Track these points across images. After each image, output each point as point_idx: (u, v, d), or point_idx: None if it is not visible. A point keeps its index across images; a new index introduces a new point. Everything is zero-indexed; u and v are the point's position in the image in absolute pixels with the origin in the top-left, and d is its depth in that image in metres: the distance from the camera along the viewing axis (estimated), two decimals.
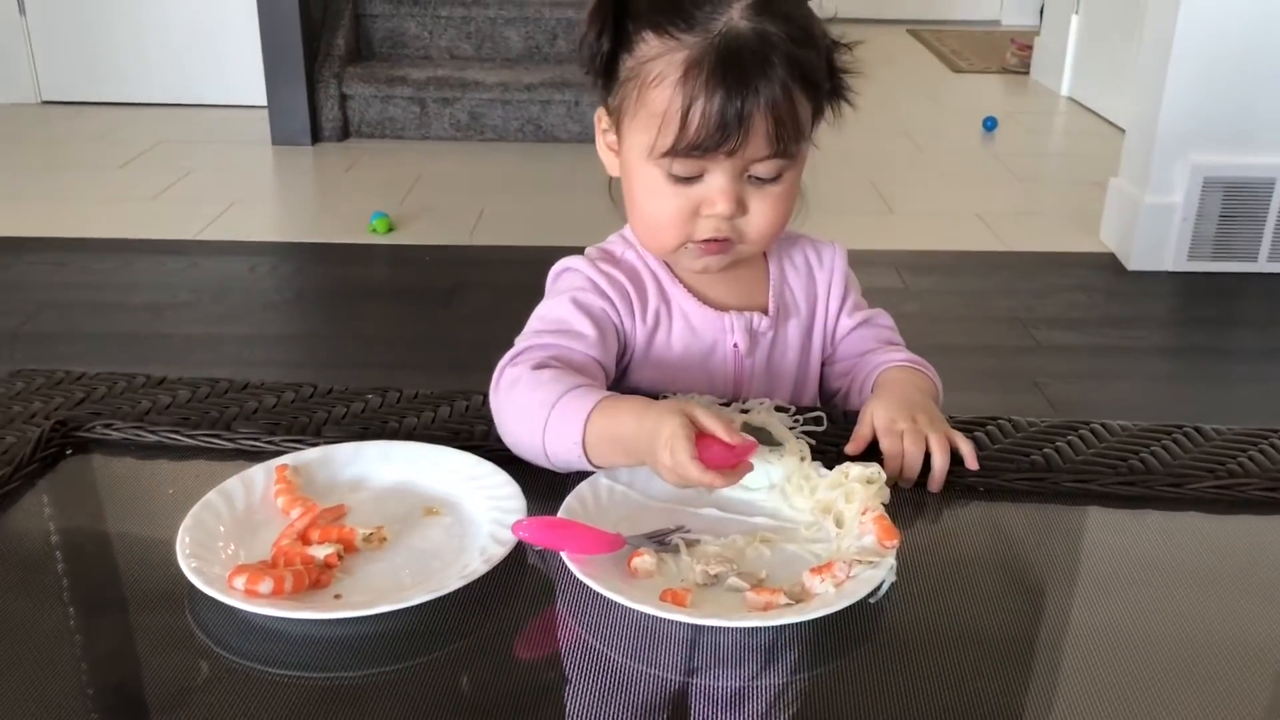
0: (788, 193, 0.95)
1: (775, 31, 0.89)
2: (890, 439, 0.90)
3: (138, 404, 0.97)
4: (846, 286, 1.09)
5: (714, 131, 0.87)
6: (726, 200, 0.91)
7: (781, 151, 0.91)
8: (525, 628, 0.75)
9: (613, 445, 0.84)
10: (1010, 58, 5.36)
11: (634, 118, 0.92)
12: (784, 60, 0.88)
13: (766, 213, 0.94)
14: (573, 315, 0.97)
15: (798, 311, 1.06)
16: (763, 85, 0.87)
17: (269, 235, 3.25)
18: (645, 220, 0.96)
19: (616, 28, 0.91)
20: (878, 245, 3.12)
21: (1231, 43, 2.82)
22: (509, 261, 3.00)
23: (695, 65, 0.87)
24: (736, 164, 0.90)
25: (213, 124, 4.22)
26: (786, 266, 1.07)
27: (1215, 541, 0.85)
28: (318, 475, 0.86)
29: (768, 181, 0.93)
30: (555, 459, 0.86)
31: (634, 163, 0.94)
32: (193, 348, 2.55)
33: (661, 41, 0.89)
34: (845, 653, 0.72)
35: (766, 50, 0.88)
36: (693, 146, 0.88)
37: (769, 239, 0.97)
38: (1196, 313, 2.88)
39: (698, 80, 0.87)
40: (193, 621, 0.72)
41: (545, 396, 0.87)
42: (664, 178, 0.92)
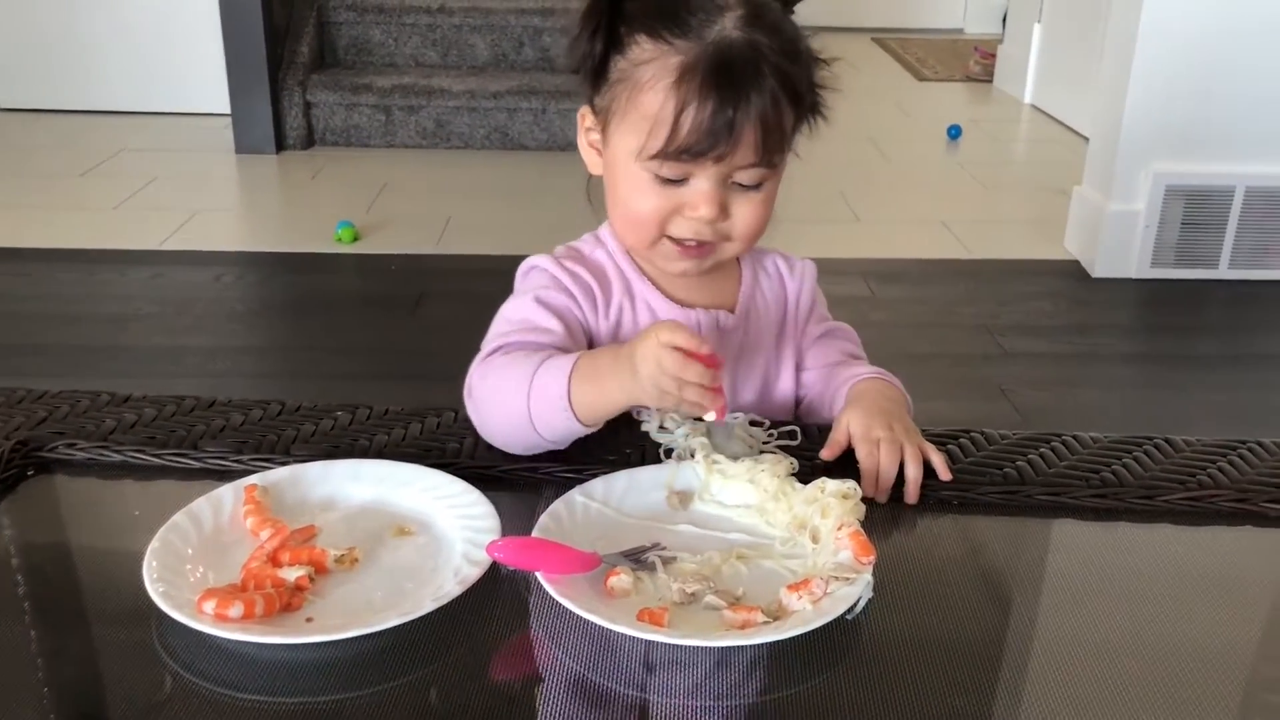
0: (768, 199, 0.97)
1: (766, 43, 0.90)
2: (866, 447, 0.91)
3: (102, 423, 0.95)
4: (815, 299, 1.12)
5: (704, 137, 0.89)
6: (709, 204, 0.93)
7: (766, 160, 0.92)
8: (501, 649, 0.75)
9: (597, 388, 0.87)
10: (974, 66, 5.41)
11: (624, 119, 0.93)
12: (773, 71, 0.90)
13: (748, 216, 0.96)
14: (537, 313, 0.98)
15: (767, 315, 1.07)
16: (754, 95, 0.89)
17: (233, 245, 3.22)
18: (627, 215, 0.97)
19: (610, 29, 0.93)
20: (845, 254, 3.12)
21: (1192, 53, 2.86)
22: (476, 271, 2.97)
23: (689, 71, 0.89)
24: (722, 169, 0.92)
25: (175, 132, 4.17)
26: (759, 271, 1.09)
27: (1186, 553, 0.85)
28: (287, 495, 0.85)
29: (749, 188, 0.94)
30: (541, 424, 0.88)
31: (620, 163, 0.95)
32: (156, 360, 2.52)
33: (655, 45, 0.91)
34: (823, 670, 0.72)
35: (758, 60, 0.90)
36: (682, 151, 0.90)
37: (750, 241, 0.98)
38: (1160, 319, 2.91)
39: (691, 86, 0.89)
40: (160, 647, 0.71)
41: (524, 369, 0.90)
42: (649, 179, 0.93)
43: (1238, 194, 2.97)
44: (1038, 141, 4.48)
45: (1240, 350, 2.73)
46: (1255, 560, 0.86)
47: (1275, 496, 0.88)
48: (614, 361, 0.87)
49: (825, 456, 0.92)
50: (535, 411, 0.89)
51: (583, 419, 0.88)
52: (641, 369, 0.83)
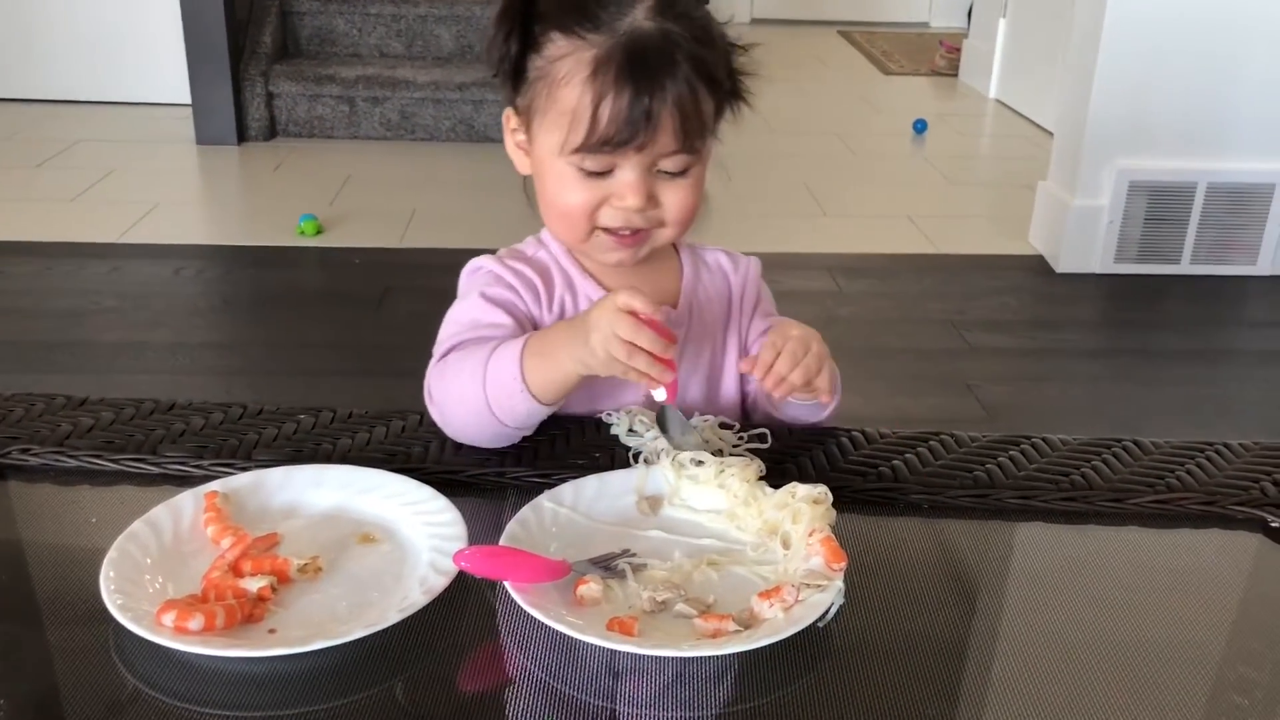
0: (696, 185, 0.97)
1: (678, 31, 0.92)
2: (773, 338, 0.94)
3: (57, 427, 0.93)
4: (760, 295, 1.11)
5: (623, 127, 0.90)
6: (636, 194, 0.93)
7: (688, 146, 0.93)
8: (468, 660, 0.73)
9: (549, 361, 0.89)
10: (939, 60, 5.43)
11: (544, 116, 0.94)
12: (687, 58, 0.91)
13: (677, 201, 0.96)
14: (484, 311, 0.99)
15: (711, 308, 1.08)
16: (669, 82, 0.90)
17: (194, 238, 3.17)
18: (557, 211, 0.98)
19: (524, 30, 0.94)
20: (811, 248, 3.13)
21: (1156, 51, 2.88)
22: (441, 265, 2.92)
23: (603, 63, 0.90)
24: (645, 158, 0.92)
25: (134, 122, 4.11)
26: (701, 268, 1.09)
27: (1155, 555, 0.86)
28: (248, 502, 0.83)
29: (675, 175, 0.95)
30: (501, 409, 0.90)
31: (546, 159, 0.96)
32: (116, 355, 2.47)
33: (569, 41, 0.92)
34: (795, 678, 0.71)
35: (671, 48, 0.91)
36: (603, 142, 0.91)
37: (684, 225, 0.99)
38: (1123, 314, 2.93)
39: (606, 78, 0.90)
40: (119, 660, 0.69)
41: (477, 360, 0.92)
42: (575, 173, 0.94)
43: (1199, 190, 3.00)
44: (1003, 136, 4.50)
45: (1201, 345, 2.75)
46: (1222, 562, 0.86)
47: (1242, 499, 0.88)
48: (567, 331, 0.89)
49: (742, 369, 0.97)
50: (493, 397, 0.90)
51: (539, 396, 0.90)
52: (593, 335, 0.85)
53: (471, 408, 0.91)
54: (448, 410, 0.93)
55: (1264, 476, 0.91)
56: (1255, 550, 0.86)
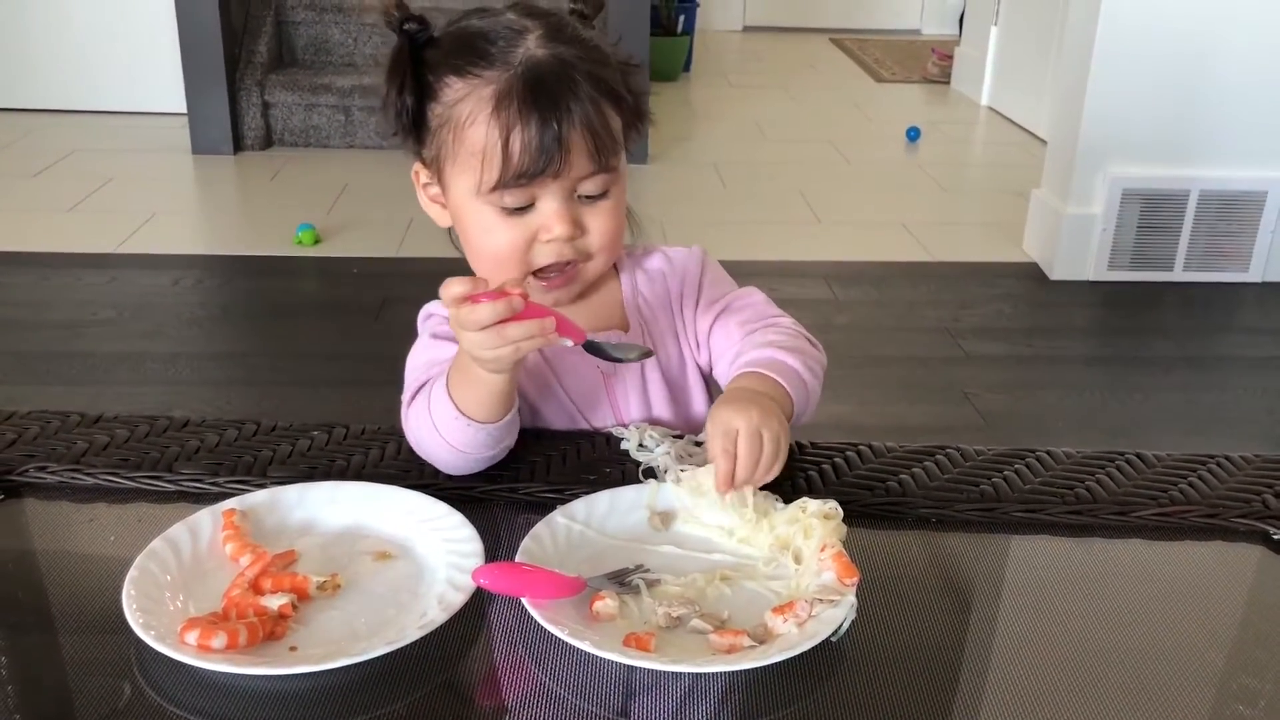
0: (618, 206, 0.97)
1: (572, 53, 0.92)
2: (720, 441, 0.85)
3: (73, 445, 0.94)
4: (700, 285, 1.07)
5: (537, 157, 0.89)
6: (562, 222, 0.92)
7: (604, 165, 0.92)
8: (487, 676, 0.75)
9: (468, 381, 0.87)
10: (931, 67, 5.46)
11: (454, 161, 0.93)
12: (586, 78, 0.91)
13: (602, 226, 0.95)
14: (435, 349, 0.99)
15: (656, 321, 1.06)
16: (574, 104, 0.90)
17: (192, 248, 3.18)
18: (484, 258, 0.96)
19: (416, 80, 0.93)
20: (806, 256, 3.14)
21: (1148, 59, 2.90)
22: (440, 275, 2.94)
23: (505, 96, 0.89)
24: (564, 185, 0.92)
25: (130, 132, 4.11)
26: (639, 279, 1.07)
27: (1159, 568, 0.87)
28: (266, 519, 0.84)
29: (597, 199, 0.94)
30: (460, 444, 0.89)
31: (463, 206, 0.95)
32: (115, 366, 2.48)
33: (465, 82, 0.91)
34: (808, 692, 0.72)
35: (568, 71, 0.91)
36: (519, 175, 0.90)
37: (610, 252, 0.98)
38: (1117, 322, 2.96)
39: (510, 110, 0.89)
40: (142, 679, 0.70)
41: (422, 401, 0.91)
42: (496, 213, 0.93)
43: (1192, 197, 3.02)
44: (995, 144, 4.53)
45: (1195, 352, 2.77)
46: (1225, 574, 0.87)
47: (1244, 511, 0.90)
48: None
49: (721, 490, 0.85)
50: (446, 436, 0.89)
51: (481, 419, 0.88)
52: (462, 345, 0.84)
53: (440, 451, 0.90)
54: (425, 455, 0.93)
55: (1265, 489, 0.92)
56: (1257, 562, 0.87)
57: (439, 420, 0.89)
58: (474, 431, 0.88)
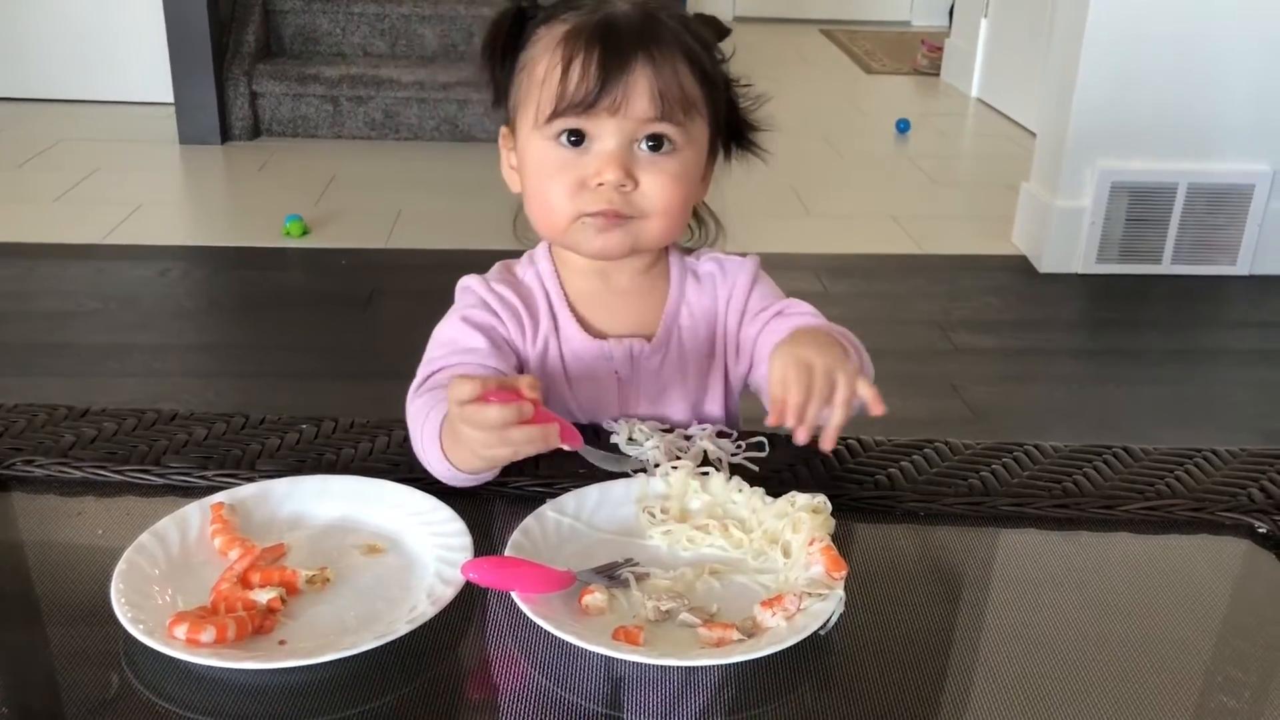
0: (682, 174, 0.93)
1: (661, 15, 0.92)
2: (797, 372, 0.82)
3: (60, 438, 0.94)
4: (748, 297, 1.04)
5: (594, 85, 0.88)
6: (613, 166, 0.90)
7: (668, 114, 0.90)
8: (476, 670, 0.75)
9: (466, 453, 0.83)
10: (921, 59, 5.46)
11: (524, 98, 0.94)
12: (669, 33, 0.91)
13: (659, 185, 0.92)
14: (462, 333, 0.98)
15: (695, 334, 1.04)
16: (646, 43, 0.89)
17: (179, 239, 3.17)
18: (537, 202, 0.96)
19: (512, 37, 0.95)
20: (797, 249, 3.15)
21: (1138, 52, 2.91)
22: (428, 265, 2.96)
23: (577, 29, 0.90)
24: (623, 128, 0.90)
25: (116, 121, 4.09)
26: (690, 288, 1.04)
27: (1145, 561, 0.87)
28: (254, 513, 0.84)
29: (656, 153, 0.92)
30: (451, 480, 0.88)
31: (525, 147, 0.95)
32: (101, 358, 2.47)
33: (548, 28, 0.93)
34: (797, 685, 0.72)
35: (652, 22, 0.91)
36: (574, 103, 0.88)
37: (670, 218, 0.95)
38: (1106, 315, 2.96)
39: (578, 41, 0.89)
40: (130, 672, 0.70)
41: (417, 426, 0.89)
42: (551, 151, 0.92)
43: (1180, 190, 3.03)
44: (985, 136, 4.53)
45: (1182, 345, 2.79)
46: (1210, 567, 0.88)
47: (1229, 506, 0.90)
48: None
49: (770, 423, 0.85)
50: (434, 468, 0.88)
51: (469, 474, 0.86)
52: (466, 444, 0.81)
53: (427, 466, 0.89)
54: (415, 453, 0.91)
55: (1251, 483, 0.93)
56: (1243, 555, 0.88)
57: (429, 453, 0.87)
58: (461, 477, 0.87)
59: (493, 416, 0.78)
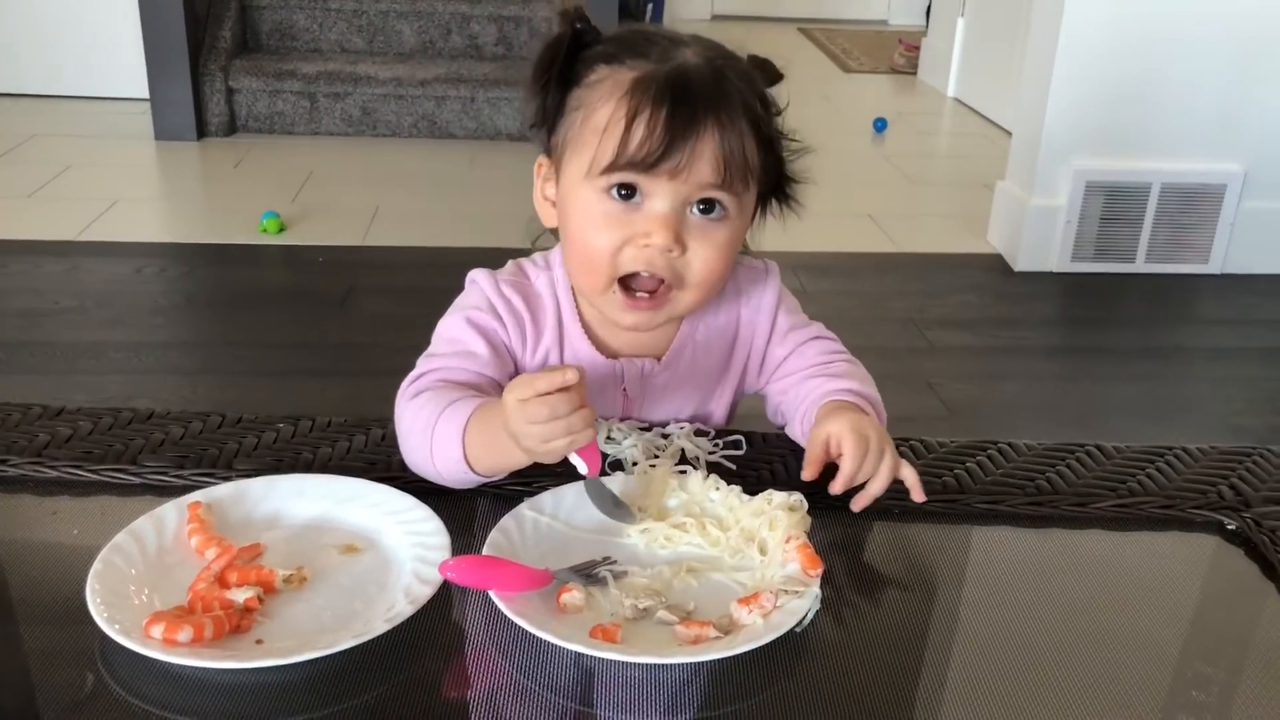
0: (732, 241, 0.91)
1: (731, 69, 0.89)
2: (855, 440, 0.87)
3: (34, 437, 0.93)
4: (777, 316, 1.04)
5: (659, 144, 0.84)
6: (665, 230, 0.86)
7: (728, 184, 0.87)
8: (454, 668, 0.75)
9: (493, 449, 0.83)
10: (898, 58, 5.48)
11: (576, 142, 0.89)
12: (736, 93, 0.88)
13: (706, 253, 0.89)
14: (466, 334, 0.97)
15: (708, 350, 1.03)
16: (716, 105, 0.86)
17: (155, 236, 3.15)
18: (579, 251, 0.91)
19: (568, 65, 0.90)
20: (774, 247, 3.14)
21: (1113, 53, 2.93)
22: (405, 263, 2.95)
23: (646, 81, 0.86)
24: (679, 191, 0.86)
25: (90, 117, 4.06)
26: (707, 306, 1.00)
27: (1117, 558, 0.88)
28: (231, 512, 0.84)
29: (709, 219, 0.88)
30: (451, 480, 0.87)
31: (571, 192, 0.90)
32: (76, 356, 2.45)
33: (612, 69, 0.88)
34: (773, 681, 0.73)
35: (721, 81, 0.87)
36: (635, 161, 0.84)
37: (706, 291, 0.92)
38: (1080, 313, 2.99)
39: (646, 94, 0.85)
40: (106, 672, 0.70)
41: (427, 419, 0.87)
42: (600, 203, 0.88)
43: (1154, 190, 3.06)
44: (961, 135, 4.55)
45: (1155, 342, 2.81)
46: (1181, 564, 0.89)
47: (1200, 503, 0.91)
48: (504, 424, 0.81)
49: (806, 478, 0.88)
50: (441, 468, 0.86)
51: (483, 474, 0.86)
52: (523, 440, 0.80)
53: (421, 464, 0.88)
54: (403, 448, 0.90)
55: (1221, 481, 0.94)
56: (1213, 552, 0.89)
57: (439, 451, 0.85)
58: (471, 478, 0.86)
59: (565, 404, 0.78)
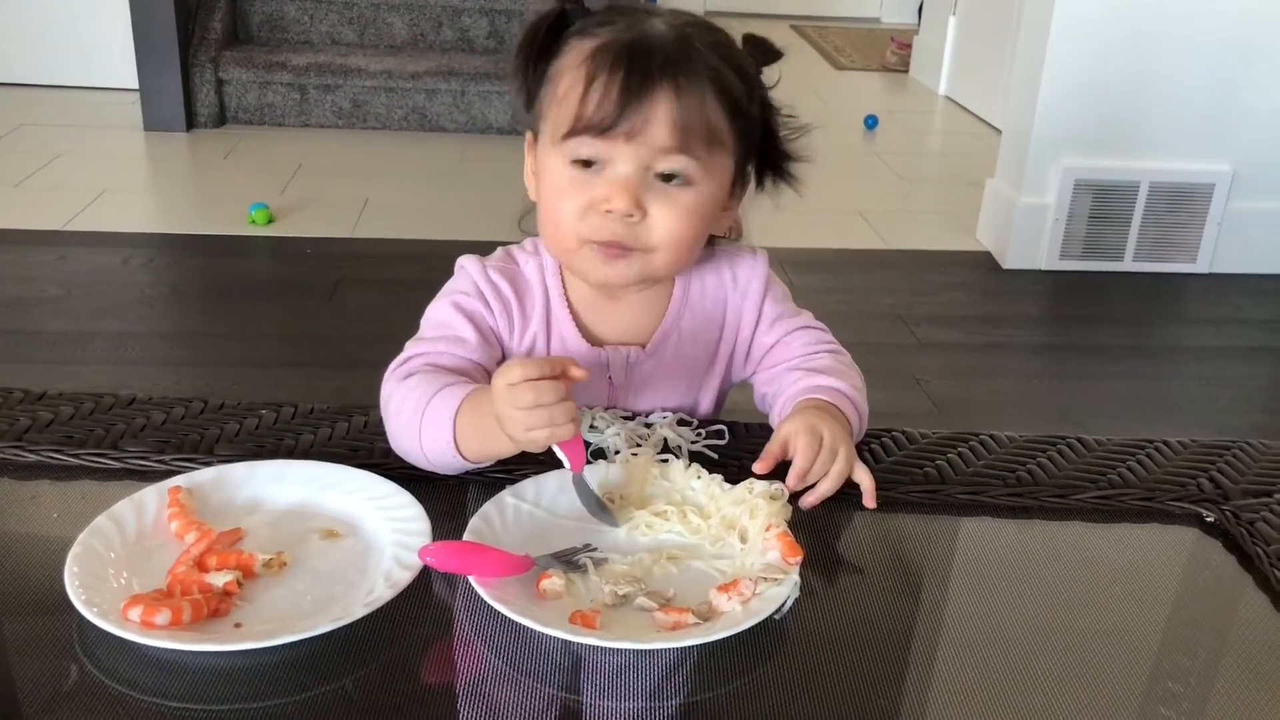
0: (695, 209, 0.90)
1: (698, 39, 0.89)
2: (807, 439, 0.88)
3: (15, 421, 0.93)
4: (764, 303, 1.05)
5: (613, 109, 0.85)
6: (623, 194, 0.87)
7: (686, 146, 0.87)
8: (433, 653, 0.75)
9: (482, 436, 0.84)
10: (890, 56, 5.48)
11: (546, 111, 0.91)
12: (701, 61, 0.88)
13: (668, 220, 0.89)
14: (454, 320, 0.97)
15: (695, 338, 1.03)
16: (674, 69, 0.86)
17: (143, 226, 3.14)
18: (547, 218, 0.93)
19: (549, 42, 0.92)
20: (764, 242, 3.14)
21: (1102, 53, 2.94)
22: (394, 255, 2.94)
23: (605, 47, 0.87)
24: (638, 154, 0.87)
25: (79, 107, 4.04)
26: (694, 289, 1.02)
27: (1097, 549, 0.89)
28: (212, 497, 0.83)
29: (670, 185, 0.89)
30: (438, 463, 0.87)
31: (543, 160, 0.93)
32: (63, 345, 2.44)
33: (581, 40, 0.90)
34: (751, 668, 0.73)
35: (684, 46, 0.88)
36: (590, 125, 0.86)
37: (676, 253, 0.92)
38: (1068, 311, 2.99)
39: (605, 60, 0.86)
40: (83, 655, 0.69)
41: (416, 402, 0.87)
42: (566, 169, 0.89)
43: (1142, 189, 3.07)
44: (951, 133, 4.56)
45: (1142, 341, 2.82)
46: (1160, 556, 0.89)
47: (1179, 495, 0.92)
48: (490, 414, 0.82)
49: (758, 470, 0.88)
50: (428, 450, 0.86)
51: (471, 459, 0.86)
52: (506, 425, 0.80)
53: (412, 449, 0.88)
54: (390, 431, 0.90)
55: (1200, 473, 0.95)
56: (1192, 544, 0.90)
57: (429, 435, 0.86)
58: (458, 463, 0.86)
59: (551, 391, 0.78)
